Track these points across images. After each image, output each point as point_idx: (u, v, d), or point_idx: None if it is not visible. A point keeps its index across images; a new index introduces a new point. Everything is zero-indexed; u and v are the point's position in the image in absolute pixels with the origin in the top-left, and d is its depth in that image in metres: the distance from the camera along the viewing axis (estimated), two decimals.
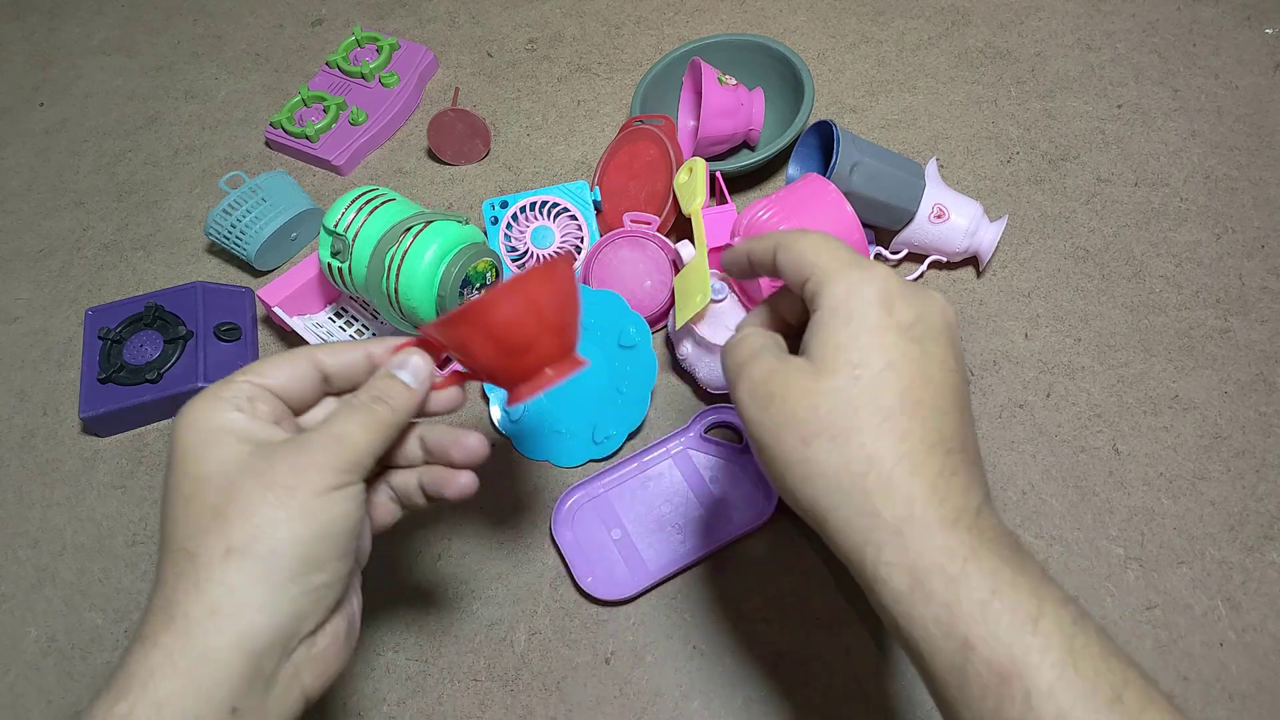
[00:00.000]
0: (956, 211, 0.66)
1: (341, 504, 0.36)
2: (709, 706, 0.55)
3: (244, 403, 0.37)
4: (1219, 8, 0.82)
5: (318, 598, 0.35)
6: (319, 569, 0.35)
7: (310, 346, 0.41)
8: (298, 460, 0.35)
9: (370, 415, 0.38)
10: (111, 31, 1.01)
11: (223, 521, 0.34)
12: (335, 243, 0.64)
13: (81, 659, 0.62)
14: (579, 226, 0.72)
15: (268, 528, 0.34)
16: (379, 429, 0.38)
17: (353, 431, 0.37)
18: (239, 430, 0.36)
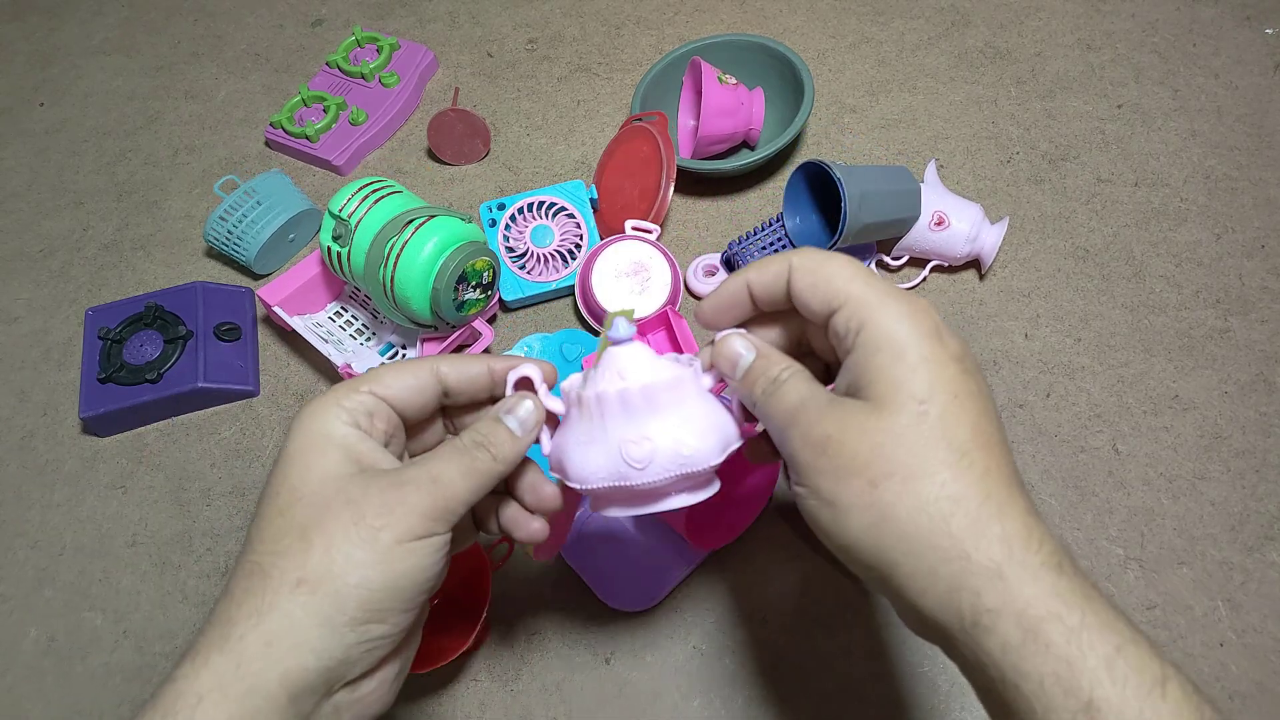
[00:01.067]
0: (957, 217, 0.66)
1: (421, 555, 0.34)
2: (709, 706, 0.55)
3: (362, 416, 0.36)
4: (1219, 8, 0.82)
5: (371, 648, 0.34)
6: (380, 620, 0.33)
7: (433, 357, 0.38)
8: (390, 498, 0.34)
9: (470, 461, 0.36)
10: (111, 31, 1.01)
11: (304, 546, 0.33)
12: (338, 227, 0.64)
13: (81, 660, 0.62)
14: (577, 225, 0.72)
15: (343, 563, 0.32)
16: (477, 477, 0.36)
17: (451, 476, 0.35)
18: (349, 446, 0.35)
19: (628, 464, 0.37)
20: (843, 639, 0.56)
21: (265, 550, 0.33)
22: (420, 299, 0.63)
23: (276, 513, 0.34)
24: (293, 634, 0.32)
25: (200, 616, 0.62)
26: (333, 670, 0.33)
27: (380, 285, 0.64)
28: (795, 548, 0.60)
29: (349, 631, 0.33)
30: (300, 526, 0.33)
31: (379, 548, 0.33)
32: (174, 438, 0.71)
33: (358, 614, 0.33)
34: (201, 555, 0.65)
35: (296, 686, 0.32)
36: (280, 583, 0.32)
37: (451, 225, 0.64)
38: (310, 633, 0.32)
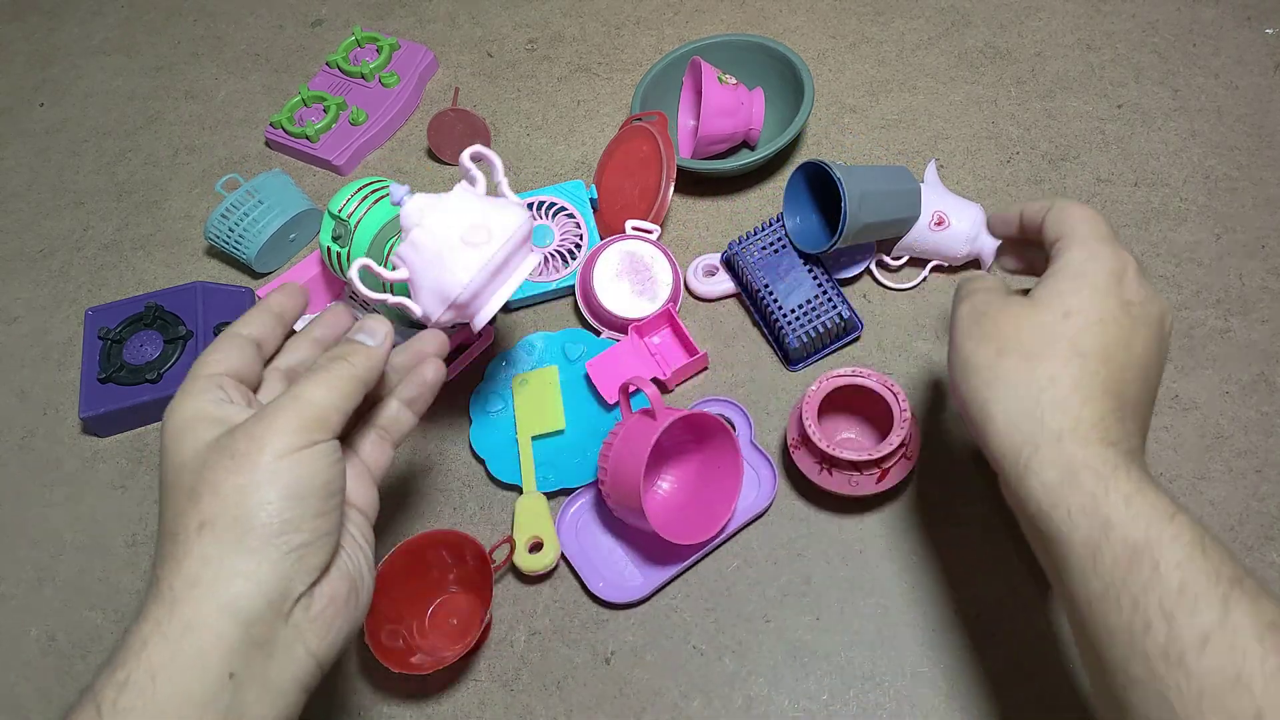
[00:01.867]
0: (957, 217, 0.66)
1: (308, 463, 0.36)
2: (709, 706, 0.55)
3: (214, 391, 0.38)
4: (1219, 8, 0.82)
5: (299, 558, 0.35)
6: (294, 529, 0.35)
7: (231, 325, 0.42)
8: (254, 428, 0.36)
9: (329, 374, 0.39)
10: (111, 31, 1.01)
11: (195, 499, 0.35)
12: (337, 227, 0.64)
13: (81, 658, 0.62)
14: (577, 225, 0.72)
15: (233, 496, 0.35)
16: (339, 384, 0.39)
17: (311, 391, 0.38)
18: (211, 415, 0.37)
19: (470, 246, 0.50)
20: (841, 637, 0.56)
21: (167, 520, 0.36)
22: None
23: (167, 490, 0.37)
24: (211, 566, 0.34)
25: None
26: (271, 588, 0.34)
27: (379, 284, 0.64)
28: (795, 546, 0.60)
29: (267, 548, 0.35)
30: (188, 489, 0.36)
31: (260, 469, 0.35)
32: None
33: (267, 527, 0.35)
34: None
35: (240, 612, 0.34)
36: (186, 534, 0.35)
37: None
38: (228, 560, 0.34)
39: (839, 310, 0.64)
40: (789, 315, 0.64)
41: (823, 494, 0.59)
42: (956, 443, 0.62)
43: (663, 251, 0.68)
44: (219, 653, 0.33)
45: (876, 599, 0.57)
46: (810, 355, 0.66)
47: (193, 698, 0.33)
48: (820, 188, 0.67)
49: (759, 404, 0.65)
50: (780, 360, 0.67)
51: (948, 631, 0.55)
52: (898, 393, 0.56)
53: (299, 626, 0.36)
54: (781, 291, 0.65)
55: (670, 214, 0.76)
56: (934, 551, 0.58)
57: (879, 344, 0.67)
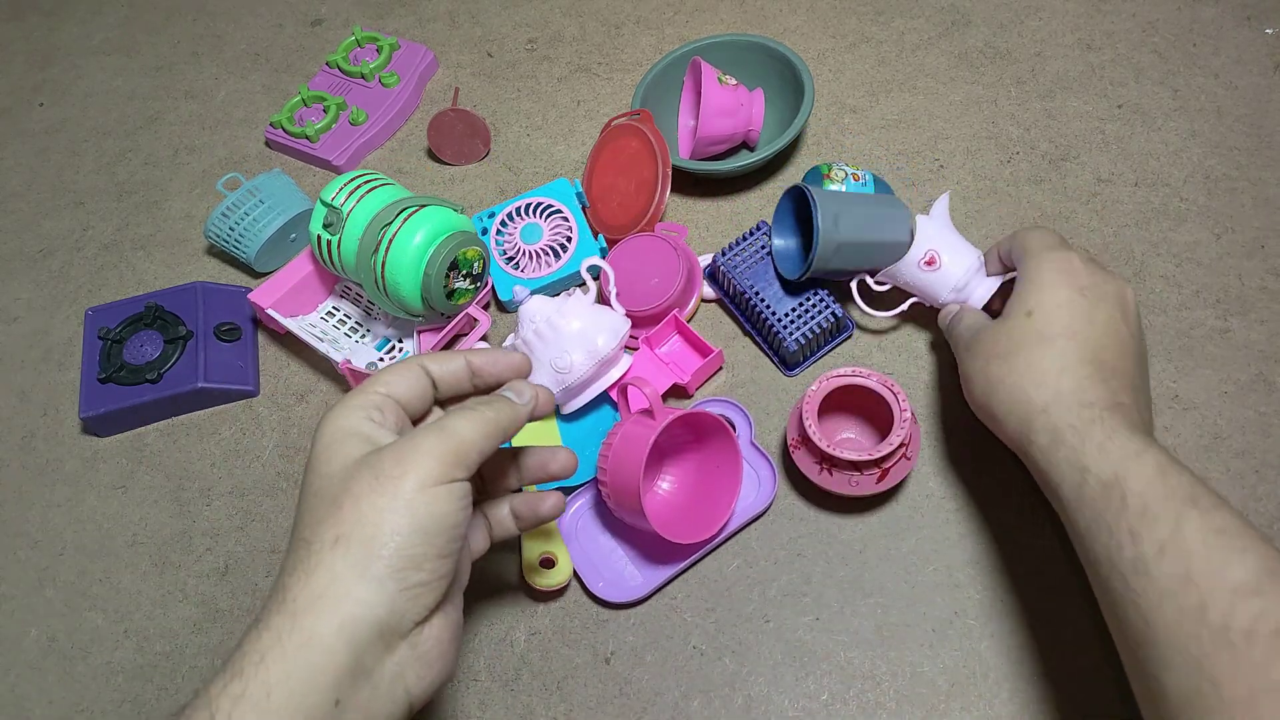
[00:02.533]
0: (951, 260, 0.60)
1: (444, 501, 0.37)
2: (709, 706, 0.55)
3: (373, 411, 0.40)
4: (1219, 8, 0.81)
5: (415, 595, 0.36)
6: (416, 567, 0.36)
7: (417, 355, 0.43)
8: (403, 451, 0.37)
9: (478, 415, 0.40)
10: (111, 31, 1.01)
11: (336, 510, 0.36)
12: (329, 215, 0.65)
13: (82, 659, 0.62)
14: (565, 219, 0.73)
15: (372, 515, 0.35)
16: (485, 427, 0.40)
17: (460, 426, 0.39)
18: (363, 433, 0.39)
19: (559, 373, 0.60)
20: (841, 636, 0.56)
21: (305, 526, 0.37)
22: (411, 287, 0.63)
23: (310, 496, 0.38)
24: (337, 585, 0.35)
25: (201, 615, 0.62)
26: (383, 620, 0.35)
27: (371, 274, 0.64)
28: (797, 546, 0.60)
29: (389, 579, 0.35)
30: (331, 497, 0.36)
31: (401, 495, 0.36)
32: (174, 438, 0.71)
33: (393, 560, 0.35)
34: (201, 555, 0.65)
35: (352, 638, 0.34)
36: (320, 544, 0.35)
37: (443, 215, 0.64)
38: (353, 583, 0.35)
39: (831, 310, 0.64)
40: (784, 319, 0.64)
41: (823, 494, 0.59)
42: (957, 442, 0.62)
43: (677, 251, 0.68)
44: (331, 676, 0.34)
45: (876, 599, 0.57)
46: (807, 358, 0.66)
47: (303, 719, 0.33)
48: (805, 213, 0.65)
49: (759, 404, 0.65)
50: (776, 366, 0.67)
51: (948, 631, 0.56)
52: (898, 393, 0.56)
53: (401, 663, 0.36)
54: (773, 296, 0.65)
55: (669, 214, 0.76)
56: (934, 551, 0.58)
57: (879, 344, 0.67)
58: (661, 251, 0.67)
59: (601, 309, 0.63)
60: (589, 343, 0.60)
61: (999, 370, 0.49)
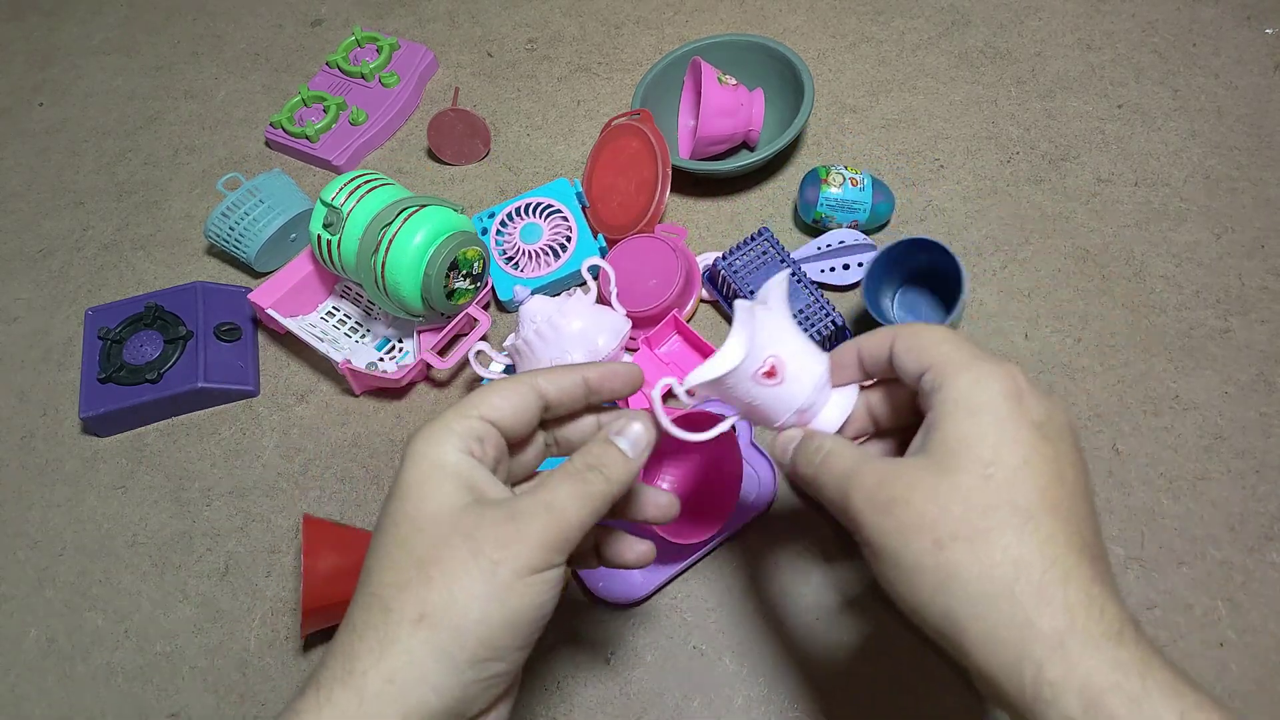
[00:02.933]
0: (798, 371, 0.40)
1: (540, 589, 0.33)
2: (709, 706, 0.55)
3: (474, 442, 0.35)
4: (1219, 8, 0.81)
5: (488, 685, 0.34)
6: (499, 658, 0.33)
7: (530, 373, 0.38)
8: (506, 531, 0.33)
9: (584, 486, 0.35)
10: (111, 31, 1.01)
11: (424, 580, 0.32)
12: (329, 214, 0.65)
13: (82, 660, 0.62)
14: (565, 218, 0.73)
15: (463, 598, 0.32)
16: (591, 502, 0.35)
17: (565, 503, 0.34)
18: (464, 475, 0.34)
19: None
20: (843, 638, 0.56)
21: (385, 583, 0.33)
22: (411, 287, 0.63)
23: (396, 545, 0.33)
24: (414, 670, 0.32)
25: (201, 616, 0.62)
26: (452, 709, 0.32)
27: (371, 274, 0.64)
28: (795, 546, 0.60)
29: (468, 669, 0.32)
30: (419, 560, 0.33)
31: (498, 582, 0.32)
32: (174, 438, 0.71)
33: (478, 651, 0.32)
34: (202, 555, 0.65)
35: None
36: (401, 617, 0.32)
37: (443, 215, 0.65)
38: (431, 670, 0.32)
39: (832, 318, 0.64)
40: None
41: None
42: None
43: (676, 252, 0.68)
44: None
45: (877, 599, 0.57)
46: None
47: None
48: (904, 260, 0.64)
49: None
50: None
51: None
52: None
53: None
54: None
55: (669, 214, 0.76)
56: None
57: None
58: (660, 253, 0.67)
59: (602, 309, 0.63)
60: (590, 343, 0.60)
61: (966, 562, 0.32)
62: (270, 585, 0.63)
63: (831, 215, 0.69)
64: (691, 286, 0.69)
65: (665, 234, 0.70)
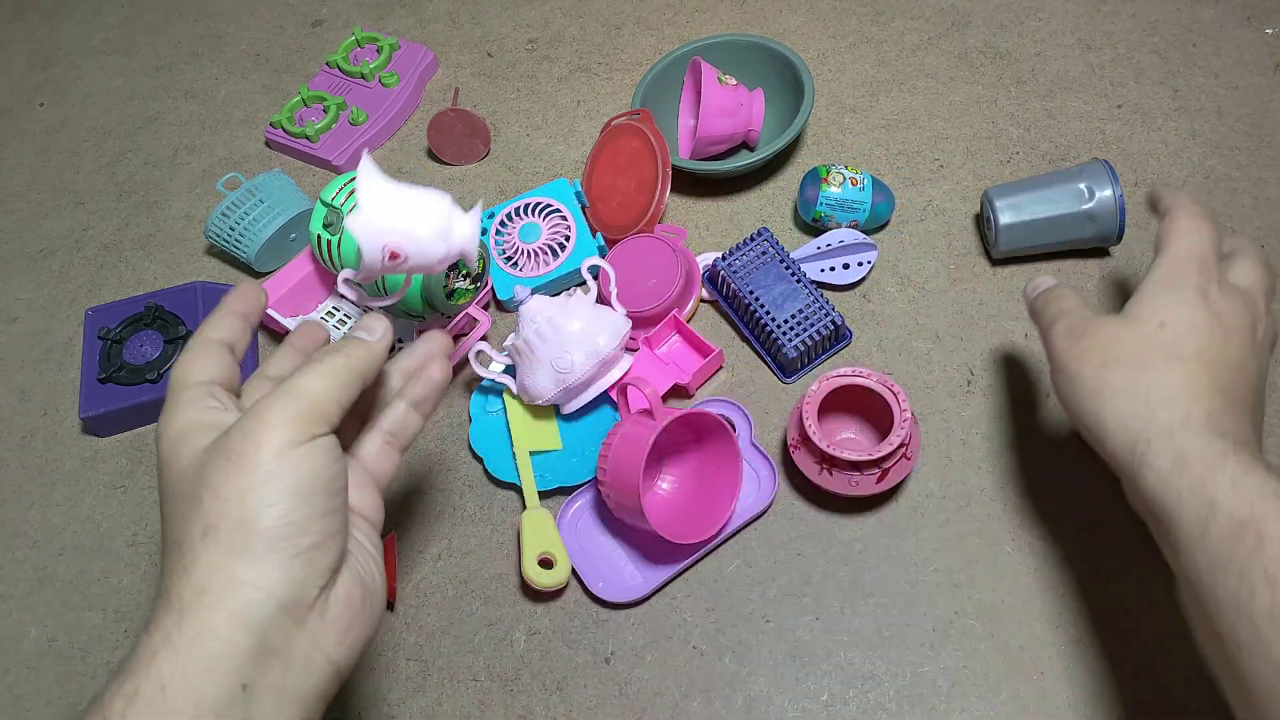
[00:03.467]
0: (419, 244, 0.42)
1: (308, 460, 0.35)
2: (709, 706, 0.55)
3: (204, 398, 0.37)
4: (1219, 8, 0.82)
5: (308, 560, 0.34)
6: (301, 531, 0.34)
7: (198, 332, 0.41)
8: (249, 426, 0.35)
9: (324, 365, 0.38)
10: (111, 31, 1.01)
11: (197, 504, 0.34)
12: (329, 215, 0.65)
13: (81, 659, 0.62)
14: (564, 217, 0.73)
15: (235, 499, 0.33)
16: (336, 375, 0.37)
17: (307, 382, 0.36)
18: (203, 421, 0.36)
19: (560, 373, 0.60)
20: (843, 638, 0.56)
21: (173, 529, 0.35)
22: (411, 287, 0.63)
23: (169, 499, 0.36)
24: (218, 573, 0.33)
25: None
26: (283, 594, 0.33)
27: (376, 289, 0.64)
28: (797, 546, 0.60)
29: (272, 552, 0.33)
30: (190, 495, 0.35)
31: (260, 469, 0.34)
32: None
33: (272, 532, 0.33)
34: None
35: (249, 621, 0.33)
36: (191, 541, 0.34)
37: None
38: (236, 569, 0.33)
39: (831, 318, 0.64)
40: (783, 325, 0.64)
41: (823, 494, 0.59)
42: (957, 442, 0.62)
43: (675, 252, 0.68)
44: (231, 663, 0.32)
45: (876, 599, 0.57)
46: (805, 365, 0.66)
47: (204, 710, 0.32)
48: None
49: (759, 404, 0.65)
50: (774, 373, 0.67)
51: (948, 631, 0.55)
52: (898, 393, 0.56)
53: (315, 633, 0.35)
54: (771, 303, 0.65)
55: (669, 214, 0.76)
56: (934, 551, 0.58)
57: (879, 344, 0.67)
58: (660, 253, 0.67)
59: (602, 309, 0.63)
60: (590, 343, 0.60)
61: (1122, 378, 0.43)
62: None
63: (831, 215, 0.69)
64: (691, 286, 0.69)
65: (665, 234, 0.70)
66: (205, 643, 0.32)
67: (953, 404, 0.63)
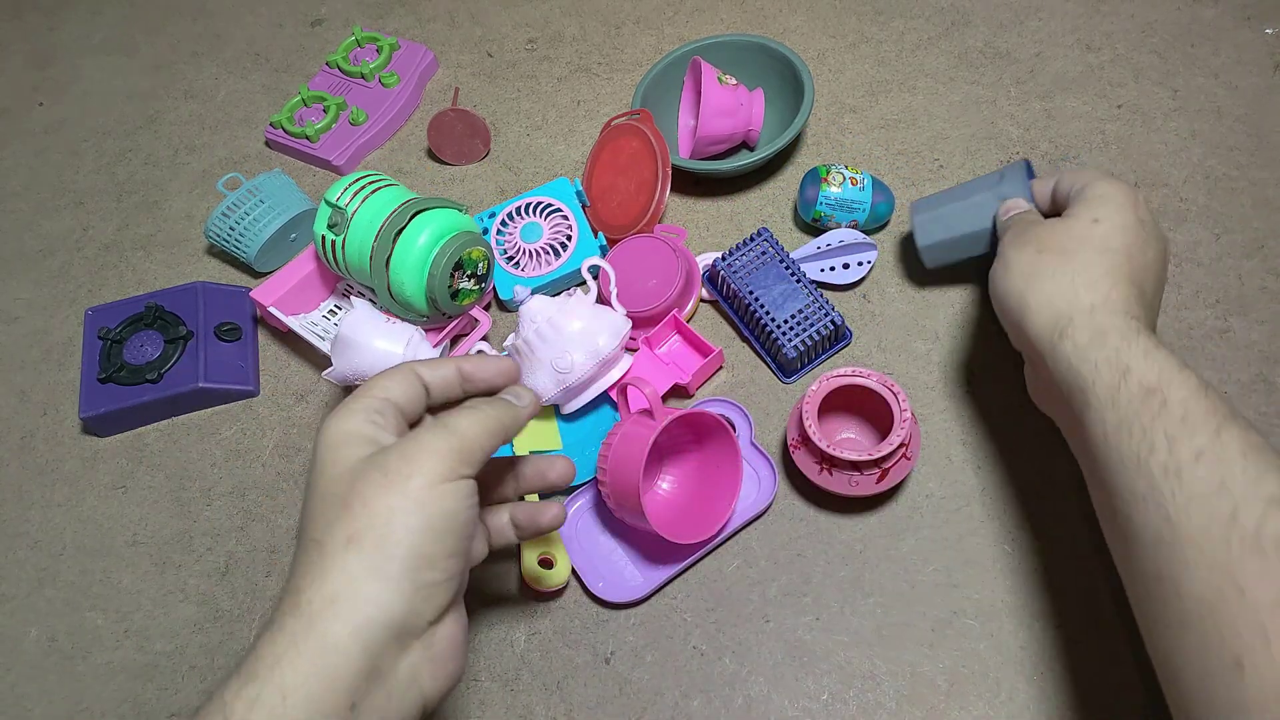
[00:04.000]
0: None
1: (453, 498, 0.37)
2: (709, 706, 0.55)
3: (374, 415, 0.39)
4: (1219, 8, 0.82)
5: (429, 594, 0.36)
6: (430, 566, 0.36)
7: (410, 362, 0.42)
8: (408, 449, 0.37)
9: (481, 414, 0.40)
10: (111, 31, 1.01)
11: (346, 510, 0.35)
12: (334, 215, 0.65)
13: (82, 659, 0.62)
14: (565, 216, 0.73)
15: (384, 514, 0.35)
16: (488, 424, 0.40)
17: (463, 424, 0.39)
18: (366, 435, 0.38)
19: (560, 373, 0.60)
20: (843, 638, 0.56)
21: (316, 528, 0.36)
22: (415, 288, 0.63)
23: (318, 498, 0.37)
24: (352, 586, 0.34)
25: (201, 615, 0.62)
26: (398, 621, 0.35)
27: (376, 274, 0.64)
28: (797, 546, 0.60)
29: (403, 579, 0.35)
30: (339, 498, 0.36)
31: (410, 493, 0.36)
32: (174, 438, 0.71)
33: (407, 559, 0.35)
34: (202, 555, 0.65)
35: (368, 640, 0.34)
36: (334, 546, 0.35)
37: (447, 216, 0.65)
38: (368, 584, 0.34)
39: (831, 318, 0.64)
40: (783, 326, 0.64)
41: (823, 494, 0.59)
42: (957, 442, 0.62)
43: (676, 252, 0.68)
44: (348, 680, 0.33)
45: (876, 599, 0.57)
46: (805, 365, 0.66)
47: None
48: None
49: (759, 404, 0.65)
50: (774, 373, 0.67)
51: (946, 631, 0.56)
52: (898, 393, 0.56)
53: (416, 665, 0.36)
54: (771, 303, 0.65)
55: (669, 214, 0.76)
56: (933, 551, 0.58)
57: (879, 344, 0.67)
58: (660, 253, 0.67)
59: (602, 309, 0.63)
60: (590, 343, 0.60)
61: (1050, 262, 0.49)
62: (270, 585, 0.63)
63: (831, 214, 0.69)
64: (691, 286, 0.69)
65: (665, 234, 0.70)
66: (329, 657, 0.33)
67: (952, 404, 0.64)
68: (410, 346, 0.62)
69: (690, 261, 0.69)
